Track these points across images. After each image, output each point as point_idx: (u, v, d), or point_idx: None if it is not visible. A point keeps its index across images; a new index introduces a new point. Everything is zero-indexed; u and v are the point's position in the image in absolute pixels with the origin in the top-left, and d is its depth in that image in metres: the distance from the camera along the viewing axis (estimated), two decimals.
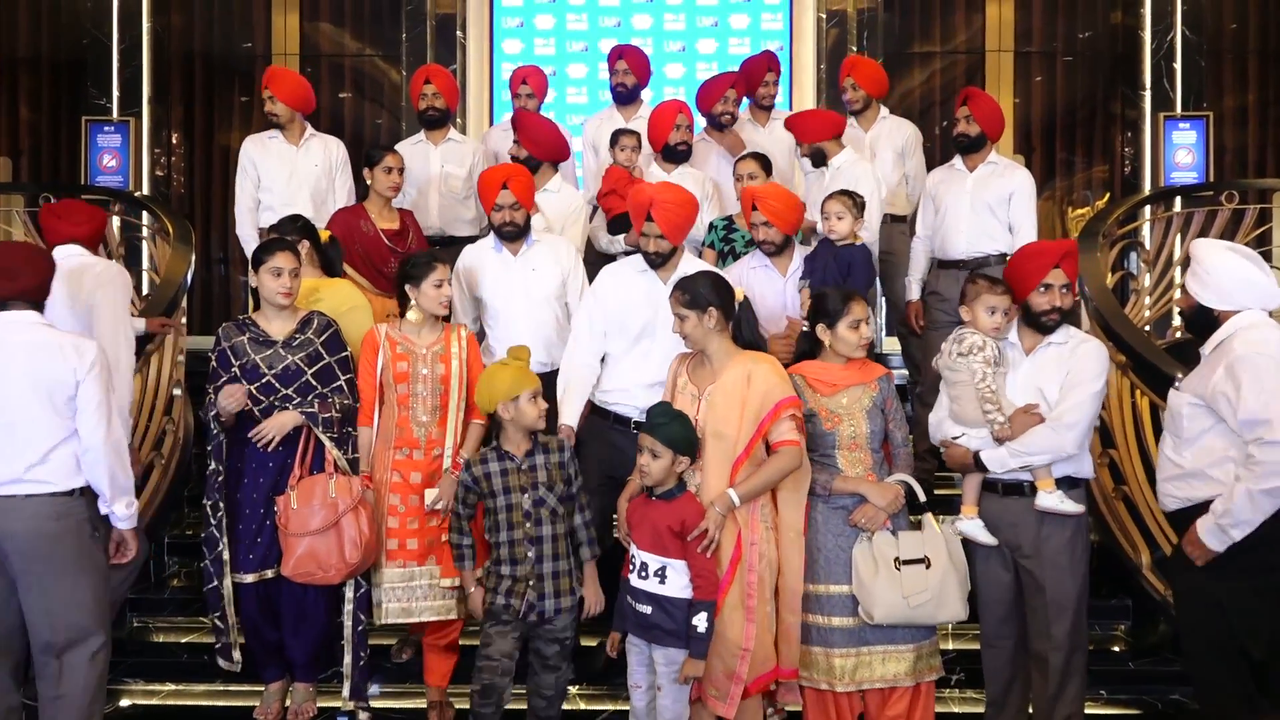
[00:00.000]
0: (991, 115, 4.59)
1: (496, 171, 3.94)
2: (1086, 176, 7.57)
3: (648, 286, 3.53)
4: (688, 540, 2.98)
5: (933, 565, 3.11)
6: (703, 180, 4.80)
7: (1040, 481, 3.19)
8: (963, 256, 4.63)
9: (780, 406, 3.08)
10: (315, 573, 3.31)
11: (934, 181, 4.80)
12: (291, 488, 3.35)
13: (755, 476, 3.07)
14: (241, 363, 3.41)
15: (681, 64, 7.27)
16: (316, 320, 3.52)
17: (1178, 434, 3.00)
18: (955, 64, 7.57)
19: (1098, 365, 3.18)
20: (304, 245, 3.80)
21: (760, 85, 5.31)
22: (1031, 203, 4.55)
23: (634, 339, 3.51)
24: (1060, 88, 7.57)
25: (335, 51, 7.64)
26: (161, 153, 7.14)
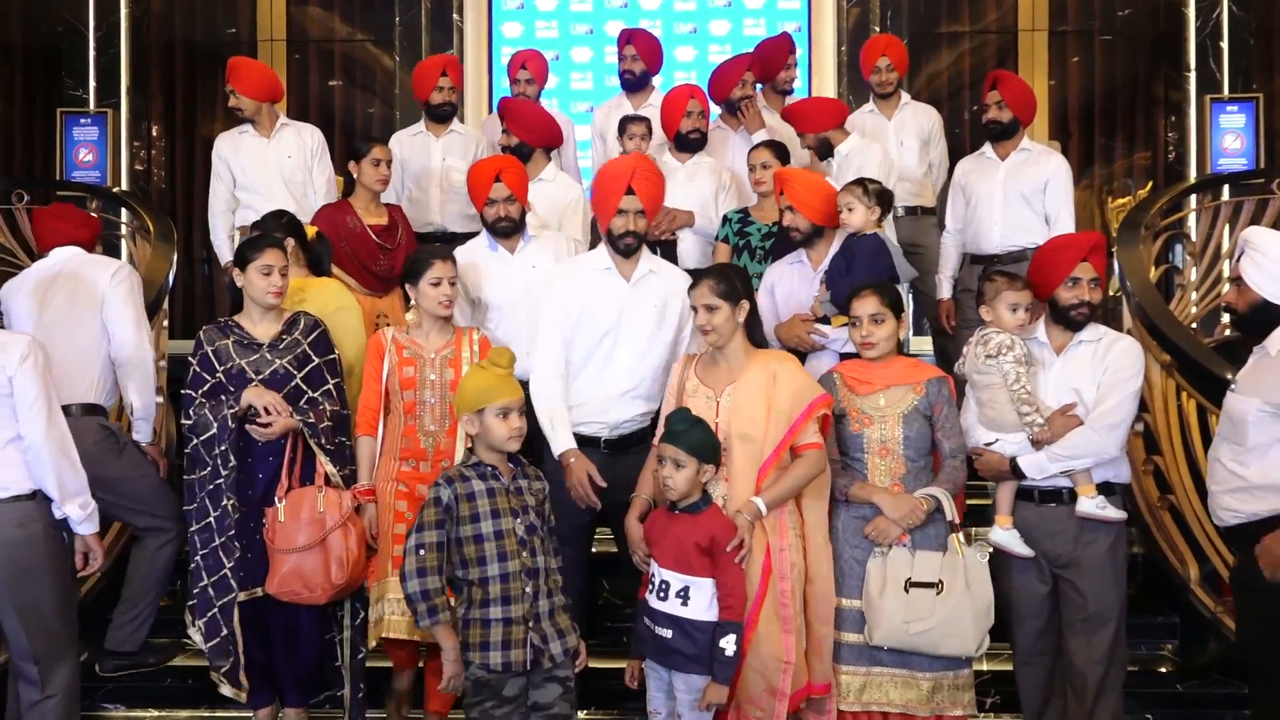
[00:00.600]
0: (1023, 99, 4.59)
1: (488, 164, 3.95)
2: (1127, 164, 7.54)
3: (610, 286, 3.48)
4: (724, 554, 2.96)
5: (944, 592, 3.08)
6: (719, 170, 4.80)
7: (1081, 487, 3.21)
8: (997, 251, 4.63)
9: (814, 406, 3.12)
10: (301, 592, 3.31)
11: (963, 171, 4.80)
12: (279, 499, 3.35)
13: (781, 482, 3.09)
14: (226, 368, 3.41)
15: (693, 47, 7.28)
16: (303, 321, 3.52)
17: (1240, 442, 2.93)
18: (985, 44, 7.56)
19: (1135, 363, 3.21)
20: (289, 243, 3.82)
21: (781, 69, 5.31)
22: (1068, 191, 4.56)
23: (595, 345, 3.46)
24: (1098, 69, 7.54)
25: (324, 36, 7.67)
26: (141, 146, 7.17)
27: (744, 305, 3.20)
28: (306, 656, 3.49)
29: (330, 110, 7.63)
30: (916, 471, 3.21)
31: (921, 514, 3.14)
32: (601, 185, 3.52)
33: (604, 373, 3.46)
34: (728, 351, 3.21)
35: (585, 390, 3.48)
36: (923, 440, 3.22)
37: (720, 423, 3.14)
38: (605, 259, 3.51)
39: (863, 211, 3.73)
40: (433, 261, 3.52)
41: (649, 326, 3.48)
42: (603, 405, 3.46)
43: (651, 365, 3.48)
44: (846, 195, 3.75)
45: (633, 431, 3.51)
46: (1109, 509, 3.20)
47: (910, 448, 3.20)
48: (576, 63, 7.31)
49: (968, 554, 3.14)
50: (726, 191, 4.75)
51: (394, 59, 7.30)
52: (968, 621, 3.07)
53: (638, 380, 3.47)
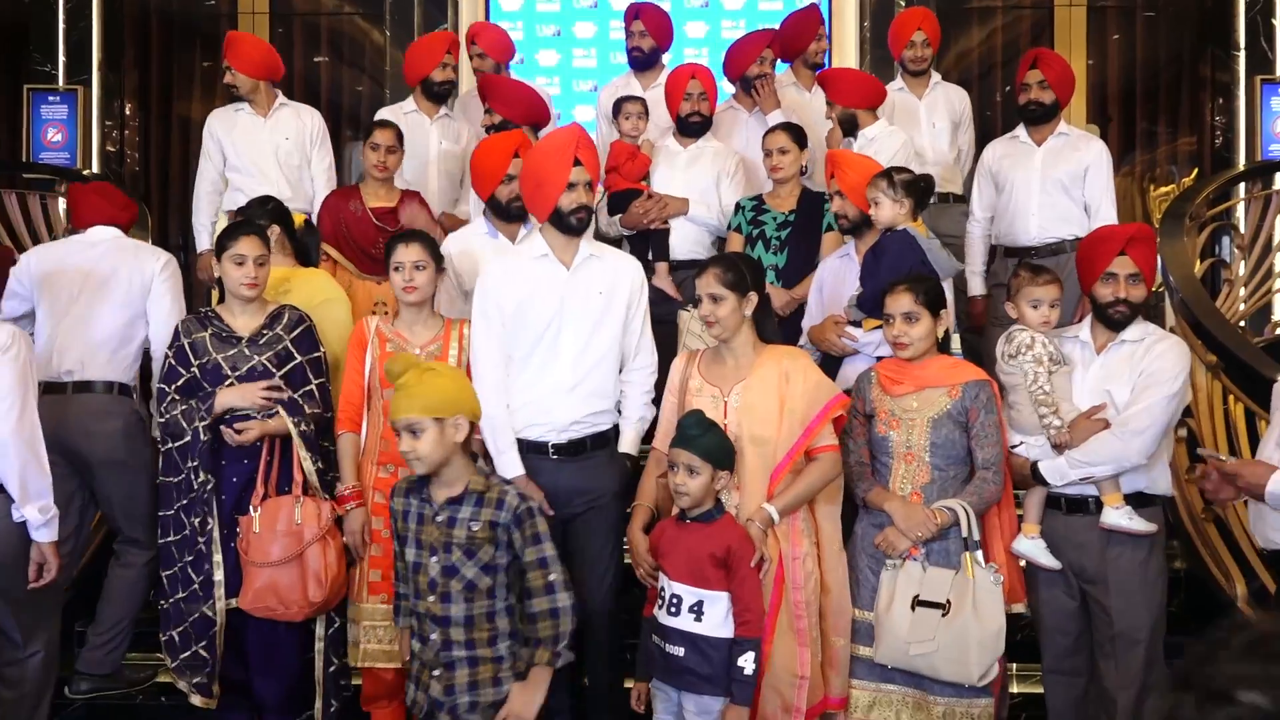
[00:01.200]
0: (1066, 78, 4.57)
1: (504, 140, 3.91)
2: (1171, 149, 7.51)
3: (549, 274, 3.37)
4: (740, 565, 2.95)
5: (950, 614, 3.06)
6: (725, 155, 4.79)
7: (1106, 496, 3.20)
8: (1033, 243, 4.61)
9: (830, 407, 3.13)
10: (276, 608, 3.29)
11: (994, 156, 4.77)
12: (255, 507, 3.33)
13: (794, 488, 3.11)
14: (202, 362, 3.41)
15: (704, 22, 7.26)
16: (288, 315, 3.52)
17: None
18: (1019, 20, 7.53)
19: (1175, 365, 3.19)
20: (274, 230, 3.82)
21: (811, 42, 5.30)
22: (1109, 178, 4.55)
23: (536, 341, 3.35)
24: (1140, 48, 7.51)
25: (310, 9, 7.67)
26: (113, 125, 7.17)
27: (752, 297, 3.19)
28: (284, 675, 3.46)
29: (316, 88, 7.62)
30: (944, 481, 3.19)
31: (932, 527, 3.12)
32: (541, 163, 3.34)
33: (547, 369, 3.35)
34: (734, 347, 3.20)
35: (529, 388, 3.36)
36: (954, 447, 3.20)
37: (730, 424, 3.14)
38: (541, 245, 3.38)
39: (890, 205, 3.65)
40: (396, 245, 3.49)
41: (593, 316, 3.36)
42: (548, 404, 3.34)
43: (598, 357, 3.37)
44: (871, 189, 3.70)
45: (586, 435, 3.38)
46: (1136, 521, 3.18)
47: (937, 455, 3.19)
48: (580, 38, 7.29)
49: (979, 575, 3.09)
50: (731, 179, 4.71)
51: (384, 34, 7.29)
52: (971, 648, 3.03)
53: (583, 374, 3.36)
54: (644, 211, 4.56)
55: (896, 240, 3.66)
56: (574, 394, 3.34)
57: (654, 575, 3.11)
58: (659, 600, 3.05)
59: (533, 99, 4.58)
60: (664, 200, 4.56)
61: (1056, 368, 3.26)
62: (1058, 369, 3.26)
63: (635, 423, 3.45)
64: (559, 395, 3.34)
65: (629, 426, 3.45)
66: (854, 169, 3.83)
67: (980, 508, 3.16)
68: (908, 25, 5.24)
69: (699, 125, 4.75)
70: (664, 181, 4.69)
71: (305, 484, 3.37)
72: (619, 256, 3.54)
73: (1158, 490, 3.27)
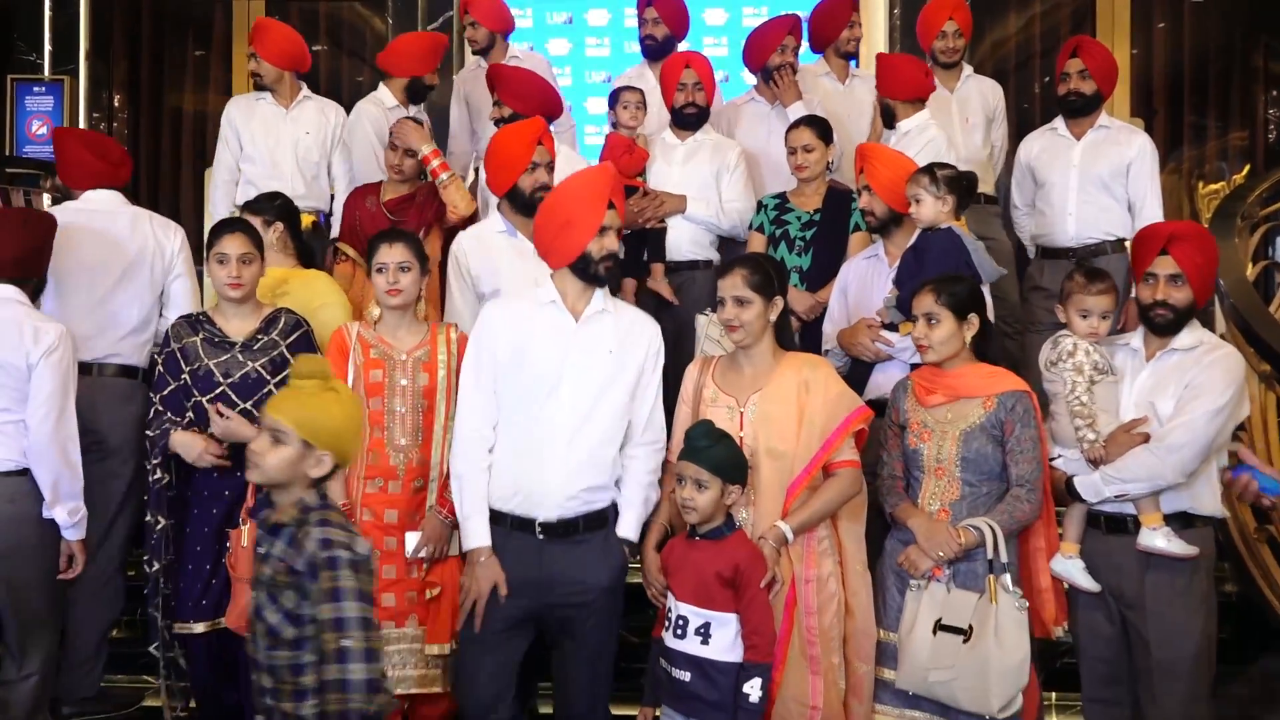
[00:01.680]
0: (1108, 68, 4.55)
1: (525, 127, 3.86)
2: (1220, 145, 7.47)
3: (554, 324, 3.14)
4: (749, 585, 2.94)
5: (972, 640, 3.03)
6: (725, 148, 4.72)
7: (1144, 516, 3.17)
8: (1071, 244, 4.59)
9: (851, 420, 3.12)
10: None
11: (1031, 151, 4.76)
12: (243, 521, 3.34)
13: (810, 505, 3.10)
14: (193, 368, 3.43)
15: (724, 9, 7.26)
16: (284, 319, 3.51)
17: None
18: (1059, 8, 7.50)
19: (1224, 378, 3.14)
20: (276, 228, 3.83)
21: (844, 29, 5.27)
22: (1153, 174, 4.52)
23: (530, 396, 3.10)
24: (1188, 36, 7.47)
25: None
26: (101, 117, 7.22)
27: (778, 302, 3.19)
28: None
29: (314, 78, 7.57)
30: (975, 498, 3.17)
31: (955, 547, 3.09)
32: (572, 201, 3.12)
33: (540, 432, 3.09)
34: (753, 354, 3.19)
35: (515, 453, 3.11)
36: (987, 462, 3.17)
37: (745, 437, 3.13)
38: (550, 291, 3.16)
39: (931, 203, 3.64)
40: (379, 245, 3.45)
41: (599, 377, 3.12)
42: (538, 474, 3.08)
43: (601, 425, 3.12)
44: (912, 185, 3.69)
45: (579, 514, 3.12)
46: (1175, 543, 3.13)
47: (969, 470, 3.16)
48: (592, 26, 7.29)
49: (1003, 600, 3.06)
50: (731, 173, 4.65)
51: (385, 21, 7.31)
52: (991, 677, 3.00)
53: (582, 443, 3.09)
54: (639, 209, 4.52)
55: (941, 239, 3.64)
56: (569, 464, 3.07)
57: (664, 595, 3.10)
58: (666, 622, 3.05)
59: (546, 90, 4.54)
60: (660, 197, 4.52)
61: (1101, 377, 3.23)
62: (1102, 379, 3.24)
63: (638, 505, 3.19)
64: (552, 464, 3.07)
65: (630, 509, 3.18)
66: (885, 164, 3.81)
67: (1011, 528, 3.12)
68: (938, 14, 5.19)
69: (694, 117, 4.69)
70: (660, 177, 4.65)
71: None
72: (637, 315, 3.30)
73: (1203, 511, 3.21)
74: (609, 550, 3.15)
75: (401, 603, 3.39)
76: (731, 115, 5.13)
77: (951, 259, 3.57)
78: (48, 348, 3.31)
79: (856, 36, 5.36)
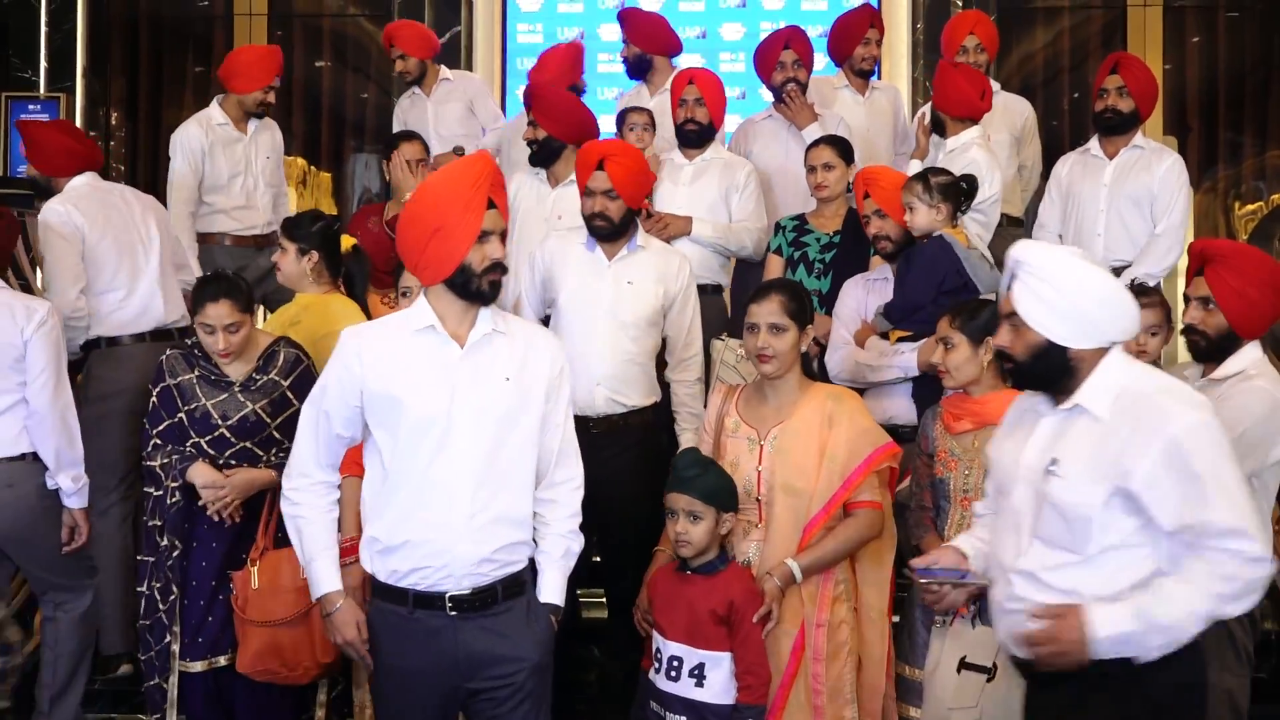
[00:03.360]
0: (1148, 87, 4.55)
1: (591, 148, 3.87)
2: (1258, 163, 7.46)
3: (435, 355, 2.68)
4: (744, 622, 2.92)
5: (995, 679, 3.01)
6: (734, 167, 4.69)
7: None
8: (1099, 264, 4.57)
9: (874, 458, 3.10)
10: (279, 671, 3.28)
11: (1064, 170, 4.76)
12: (253, 562, 3.32)
13: (823, 545, 3.07)
14: (190, 408, 3.41)
15: (741, 23, 7.29)
16: (283, 355, 3.48)
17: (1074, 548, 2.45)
18: (1089, 21, 7.52)
19: (1236, 415, 3.05)
20: (311, 258, 3.80)
21: (859, 44, 5.29)
22: (1180, 192, 4.49)
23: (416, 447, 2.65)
24: (1223, 51, 7.48)
25: (311, 10, 7.75)
26: (98, 136, 7.26)
27: (809, 331, 3.19)
28: None
29: (317, 95, 7.69)
30: None
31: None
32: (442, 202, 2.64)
33: (436, 489, 2.64)
34: (779, 385, 3.18)
35: (410, 519, 2.65)
36: None
37: (763, 471, 3.12)
38: (426, 314, 2.69)
39: (925, 211, 3.72)
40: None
41: (498, 411, 2.68)
42: (441, 541, 2.63)
43: (508, 468, 2.70)
44: (906, 194, 3.75)
45: (495, 580, 2.68)
46: None
47: None
48: (605, 42, 7.33)
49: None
50: (741, 192, 4.62)
51: None
52: (1015, 716, 2.91)
53: (489, 495, 2.66)
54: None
55: (930, 247, 3.69)
56: (475, 522, 2.63)
57: (646, 622, 3.10)
58: (655, 663, 3.02)
59: (584, 116, 4.51)
60: (665, 219, 4.50)
61: None
62: None
63: (559, 560, 2.80)
64: (455, 527, 2.63)
65: (551, 567, 2.80)
66: (893, 184, 3.83)
67: None
68: (959, 29, 5.19)
69: (696, 134, 4.66)
70: (666, 198, 4.64)
71: None
72: (530, 330, 2.90)
73: None
74: (534, 620, 2.74)
75: None
76: (749, 132, 5.15)
77: (940, 268, 3.63)
78: (39, 322, 3.59)
79: (873, 55, 5.38)
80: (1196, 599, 2.27)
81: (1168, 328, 3.33)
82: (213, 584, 3.40)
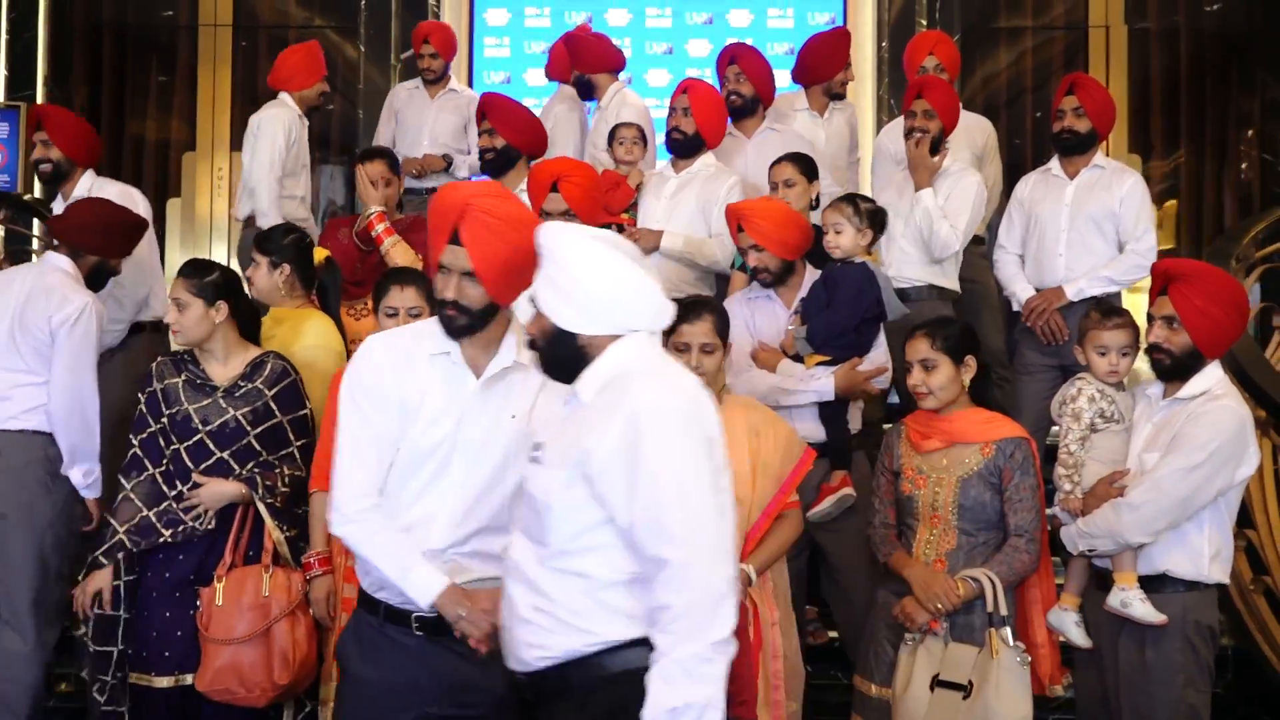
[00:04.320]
0: (1105, 107, 4.60)
1: (543, 169, 3.90)
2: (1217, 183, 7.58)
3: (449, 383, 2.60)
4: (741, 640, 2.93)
5: (971, 696, 3.02)
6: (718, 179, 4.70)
7: (1118, 574, 3.14)
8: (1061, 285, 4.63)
9: (805, 463, 3.27)
10: (236, 691, 3.24)
11: (1025, 190, 4.82)
12: (219, 578, 3.30)
13: (767, 546, 3.21)
14: (172, 412, 3.37)
15: (708, 40, 7.36)
16: (270, 365, 3.45)
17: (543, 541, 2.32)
18: (1051, 42, 7.63)
19: (1206, 432, 3.05)
20: (283, 270, 3.78)
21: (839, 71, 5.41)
22: (1143, 211, 4.54)
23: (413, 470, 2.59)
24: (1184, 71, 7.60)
25: (277, 22, 7.75)
26: None
27: (730, 347, 3.31)
28: None
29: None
30: (972, 548, 3.20)
31: (954, 598, 3.12)
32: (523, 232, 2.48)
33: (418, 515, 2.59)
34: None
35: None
36: (984, 511, 3.21)
37: None
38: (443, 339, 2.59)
39: (852, 234, 3.79)
40: (390, 287, 3.41)
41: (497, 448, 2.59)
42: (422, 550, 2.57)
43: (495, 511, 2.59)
44: (834, 214, 3.81)
45: None
46: (1137, 607, 3.07)
47: (965, 518, 3.20)
48: None
49: (1004, 655, 3.05)
50: (720, 205, 4.58)
51: (358, 49, 7.37)
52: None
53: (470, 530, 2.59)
54: None
55: (855, 274, 3.75)
56: (449, 554, 2.58)
57: None
58: None
59: (539, 127, 4.59)
60: (637, 234, 4.53)
61: (1106, 425, 3.25)
62: (1106, 427, 3.25)
63: None
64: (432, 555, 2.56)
65: None
66: (765, 217, 3.85)
67: (1010, 579, 3.15)
68: (919, 50, 5.23)
69: (680, 143, 4.68)
70: (647, 210, 4.68)
71: (275, 552, 3.34)
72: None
73: (1181, 574, 3.11)
74: None
75: None
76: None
77: (867, 295, 3.70)
78: (67, 317, 3.72)
79: (850, 79, 5.47)
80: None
81: (1136, 348, 3.37)
82: (178, 594, 3.34)
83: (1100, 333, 3.28)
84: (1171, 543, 3.11)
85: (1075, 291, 4.47)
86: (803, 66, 5.37)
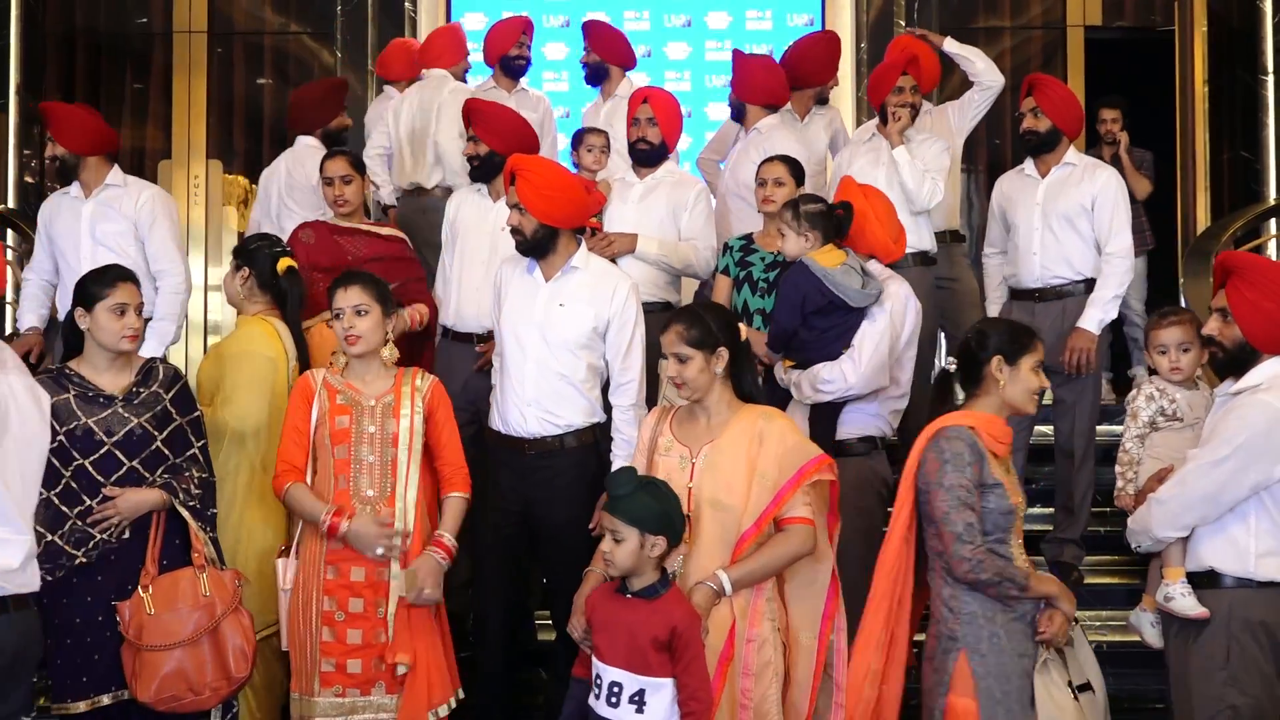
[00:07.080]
0: (1064, 106, 4.67)
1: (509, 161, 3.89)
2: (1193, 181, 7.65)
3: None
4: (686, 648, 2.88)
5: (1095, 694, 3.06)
6: (684, 186, 4.77)
7: (1166, 569, 3.17)
8: (1036, 284, 4.68)
9: (805, 471, 3.11)
10: (185, 696, 3.22)
11: (1001, 191, 4.89)
12: (144, 588, 3.25)
13: (755, 558, 3.09)
14: (69, 429, 3.25)
15: (686, 43, 7.43)
16: (161, 370, 3.43)
17: None
18: (1029, 42, 7.71)
19: (1235, 426, 3.04)
20: (242, 274, 3.85)
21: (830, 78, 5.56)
22: (1119, 207, 4.59)
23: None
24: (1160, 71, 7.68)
25: (253, 28, 7.78)
26: (33, 155, 7.21)
27: (722, 354, 3.19)
28: None
29: (258, 113, 7.72)
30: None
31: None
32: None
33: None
34: (708, 405, 3.22)
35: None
36: None
37: (694, 487, 3.15)
38: None
39: (794, 239, 3.90)
40: (339, 288, 3.46)
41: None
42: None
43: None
44: (777, 220, 3.93)
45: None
46: (1180, 602, 3.09)
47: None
48: (550, 60, 7.44)
49: (1085, 646, 3.12)
50: (690, 211, 4.68)
51: (335, 54, 7.41)
52: None
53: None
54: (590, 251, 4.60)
55: (791, 275, 3.89)
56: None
57: (585, 638, 3.06)
58: (595, 688, 2.96)
59: (525, 131, 4.56)
60: (609, 238, 4.59)
61: (1168, 424, 3.32)
62: (1168, 425, 3.32)
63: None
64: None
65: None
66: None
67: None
68: (892, 73, 5.01)
69: (647, 154, 4.74)
70: (615, 217, 4.72)
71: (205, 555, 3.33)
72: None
73: (1225, 569, 3.08)
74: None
75: (367, 667, 3.38)
76: None
77: (800, 290, 3.81)
78: None
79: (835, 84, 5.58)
80: None
81: (1199, 344, 3.38)
82: (99, 618, 3.26)
83: (1158, 332, 3.39)
84: (1216, 538, 3.09)
85: (1096, 324, 4.53)
86: (792, 70, 5.39)
